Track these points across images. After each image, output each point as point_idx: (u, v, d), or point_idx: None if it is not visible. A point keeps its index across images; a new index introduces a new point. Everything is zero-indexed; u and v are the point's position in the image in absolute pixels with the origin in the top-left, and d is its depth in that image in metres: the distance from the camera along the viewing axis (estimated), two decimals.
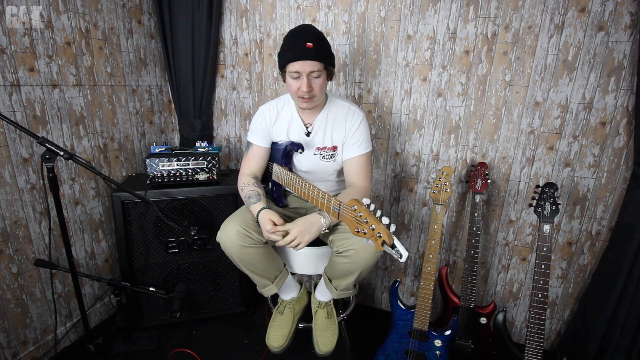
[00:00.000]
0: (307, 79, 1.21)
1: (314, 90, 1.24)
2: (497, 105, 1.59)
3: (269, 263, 1.33)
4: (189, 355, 1.66)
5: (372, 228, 0.92)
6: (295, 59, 1.20)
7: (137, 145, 2.01)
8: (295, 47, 1.21)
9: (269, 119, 1.42)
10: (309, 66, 1.20)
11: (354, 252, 1.18)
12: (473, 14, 1.53)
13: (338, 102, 1.40)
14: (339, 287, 1.33)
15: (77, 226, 1.71)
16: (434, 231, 1.46)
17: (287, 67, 1.23)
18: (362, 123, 1.37)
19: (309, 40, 1.19)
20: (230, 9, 1.92)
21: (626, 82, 1.40)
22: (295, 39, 1.22)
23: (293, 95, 1.29)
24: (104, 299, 1.90)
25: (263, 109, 1.43)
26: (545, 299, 1.32)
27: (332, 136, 1.39)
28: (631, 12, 1.34)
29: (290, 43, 1.23)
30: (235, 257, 1.26)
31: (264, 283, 1.36)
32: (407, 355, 1.51)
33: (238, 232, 1.21)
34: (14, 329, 1.49)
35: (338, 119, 1.38)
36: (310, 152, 1.41)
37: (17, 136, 1.41)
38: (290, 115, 1.41)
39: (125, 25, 1.84)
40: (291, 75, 1.24)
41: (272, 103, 1.44)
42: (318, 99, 1.29)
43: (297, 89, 1.24)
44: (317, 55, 1.20)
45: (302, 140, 1.40)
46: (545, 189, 1.33)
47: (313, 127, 1.39)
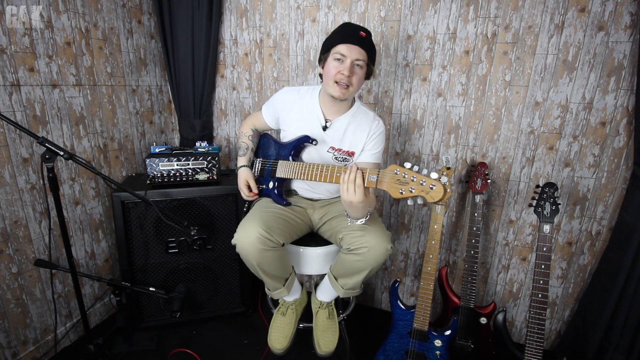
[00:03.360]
0: (351, 64, 1.23)
1: (353, 79, 1.25)
2: (497, 105, 1.59)
3: (282, 265, 1.31)
4: (189, 355, 1.66)
5: (422, 183, 0.94)
6: (345, 41, 1.23)
7: (137, 145, 2.01)
8: (348, 32, 1.25)
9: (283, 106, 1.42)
10: (356, 52, 1.22)
11: (367, 250, 1.17)
12: (473, 14, 1.53)
13: (364, 110, 1.40)
14: (345, 285, 1.33)
15: (77, 226, 1.71)
16: (434, 231, 1.46)
17: (334, 48, 1.24)
18: (382, 134, 1.38)
19: (362, 30, 1.25)
20: (230, 9, 1.92)
21: (626, 82, 1.40)
22: (348, 27, 1.27)
23: (329, 80, 1.26)
24: (104, 299, 1.90)
25: (284, 93, 1.44)
26: (545, 299, 1.32)
27: (352, 141, 1.37)
28: (631, 12, 1.34)
29: (343, 29, 1.27)
30: (254, 260, 1.23)
31: (275, 286, 1.35)
32: (407, 355, 1.51)
33: (260, 234, 1.17)
34: (14, 329, 1.49)
35: (362, 126, 1.36)
36: (324, 148, 1.39)
37: (17, 136, 1.41)
38: (310, 105, 1.38)
39: (125, 25, 1.84)
40: (335, 56, 1.24)
41: (294, 89, 1.43)
42: (352, 92, 1.28)
43: (337, 72, 1.24)
44: (366, 45, 1.24)
45: (316, 134, 1.37)
46: (545, 189, 1.33)
47: (333, 123, 1.37)
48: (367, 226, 1.21)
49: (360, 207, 1.10)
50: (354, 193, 1.06)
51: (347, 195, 1.07)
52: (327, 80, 1.27)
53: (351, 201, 1.07)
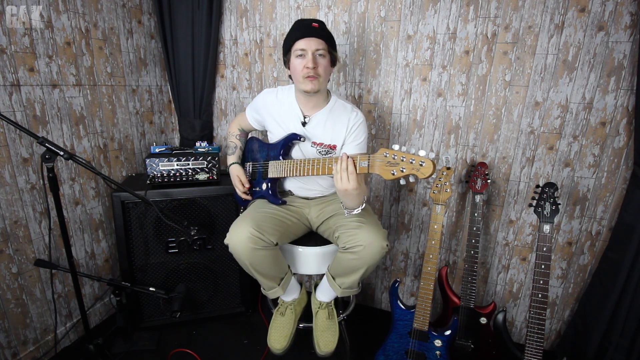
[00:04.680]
0: (313, 55, 1.26)
1: (319, 69, 1.27)
2: (497, 105, 1.59)
3: (276, 265, 1.32)
4: (189, 355, 1.66)
5: (412, 161, 0.99)
6: (301, 36, 1.26)
7: (137, 145, 2.01)
8: (301, 27, 1.29)
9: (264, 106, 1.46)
10: (314, 43, 1.26)
11: (362, 249, 1.18)
12: (473, 14, 1.53)
13: (341, 102, 1.42)
14: (343, 285, 1.33)
15: (77, 226, 1.71)
16: (434, 231, 1.46)
17: (293, 46, 1.27)
18: (362, 124, 1.39)
19: (314, 22, 1.29)
20: (230, 9, 1.92)
21: (626, 82, 1.40)
22: (301, 22, 1.31)
23: (298, 77, 1.29)
24: (104, 299, 1.90)
25: (264, 94, 1.48)
26: (545, 299, 1.32)
27: (332, 134, 1.39)
28: (631, 12, 1.34)
29: (297, 25, 1.31)
30: (246, 259, 1.25)
31: (270, 285, 1.36)
32: (407, 355, 1.51)
33: (251, 234, 1.20)
34: (14, 329, 1.49)
35: (341, 118, 1.38)
36: (307, 144, 1.41)
37: (17, 136, 1.41)
38: (288, 103, 1.42)
39: (125, 25, 1.84)
40: (296, 53, 1.27)
41: (272, 90, 1.47)
42: (323, 82, 1.31)
43: (302, 67, 1.26)
44: (322, 34, 1.28)
45: (297, 130, 1.40)
46: (545, 189, 1.33)
47: (311, 119, 1.40)
48: (363, 224, 1.22)
49: (355, 194, 1.14)
50: (347, 181, 1.10)
51: (341, 184, 1.11)
52: (297, 78, 1.31)
53: (346, 189, 1.12)
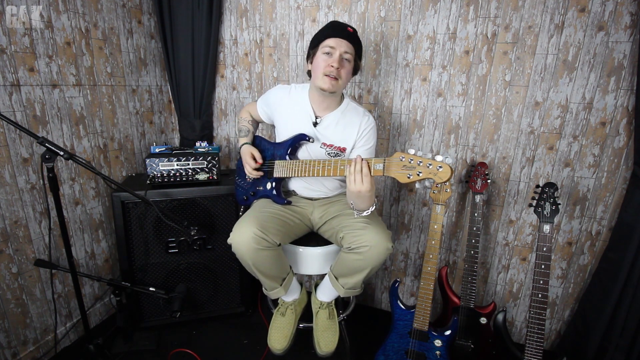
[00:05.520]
0: (339, 57, 1.27)
1: (342, 71, 1.28)
2: (497, 105, 1.59)
3: (279, 265, 1.32)
4: (189, 355, 1.66)
5: (429, 166, 1.01)
6: (334, 35, 1.28)
7: (137, 145, 2.01)
8: (336, 27, 1.31)
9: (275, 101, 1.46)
10: (345, 46, 1.27)
11: (367, 249, 1.18)
12: (473, 14, 1.53)
13: (353, 105, 1.42)
14: (346, 285, 1.33)
15: (77, 226, 1.71)
16: (434, 231, 1.46)
17: (323, 42, 1.29)
18: (373, 129, 1.40)
19: (349, 27, 1.31)
20: (230, 9, 1.92)
21: (626, 82, 1.40)
22: (337, 23, 1.33)
23: (319, 73, 1.29)
24: (104, 299, 1.90)
25: (277, 89, 1.48)
26: (545, 299, 1.32)
27: (343, 137, 1.39)
28: (631, 12, 1.34)
29: (332, 25, 1.33)
30: (249, 260, 1.24)
31: (272, 286, 1.36)
32: (407, 355, 1.51)
33: (255, 234, 1.19)
34: (14, 329, 1.49)
35: (352, 121, 1.38)
36: (316, 145, 1.41)
37: (17, 136, 1.41)
38: (301, 101, 1.41)
39: (125, 25, 1.84)
40: (324, 50, 1.28)
41: (286, 86, 1.48)
42: (341, 85, 1.31)
43: (326, 65, 1.27)
44: (354, 40, 1.30)
45: (307, 131, 1.39)
46: (545, 189, 1.33)
47: (323, 120, 1.39)
48: (368, 225, 1.22)
49: (368, 196, 1.14)
50: (361, 182, 1.10)
51: (354, 186, 1.11)
52: (317, 74, 1.30)
53: (359, 191, 1.11)
